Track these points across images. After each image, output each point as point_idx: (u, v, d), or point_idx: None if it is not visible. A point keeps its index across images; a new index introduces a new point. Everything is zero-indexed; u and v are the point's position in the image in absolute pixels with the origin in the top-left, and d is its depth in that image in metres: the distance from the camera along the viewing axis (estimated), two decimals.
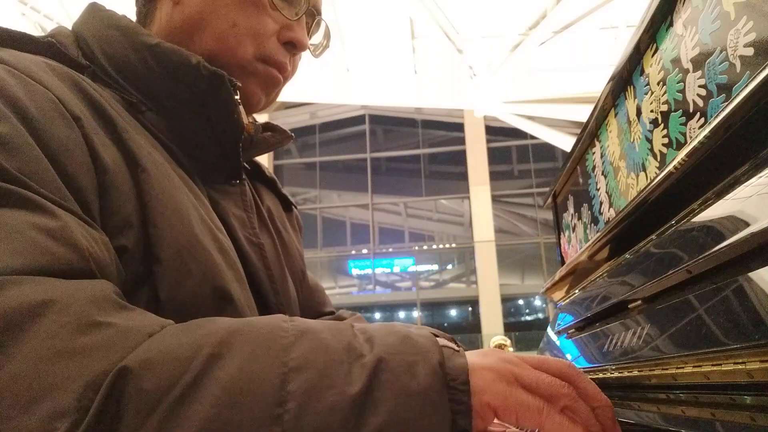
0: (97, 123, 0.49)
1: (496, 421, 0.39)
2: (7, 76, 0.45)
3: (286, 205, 0.82)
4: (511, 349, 3.11)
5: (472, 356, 0.40)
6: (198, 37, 0.61)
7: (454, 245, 14.29)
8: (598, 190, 1.05)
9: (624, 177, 0.91)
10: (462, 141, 13.45)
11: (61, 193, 0.42)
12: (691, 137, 0.66)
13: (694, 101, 0.65)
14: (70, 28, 0.60)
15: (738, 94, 0.49)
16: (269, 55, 0.64)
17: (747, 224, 0.45)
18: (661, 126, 0.75)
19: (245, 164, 0.75)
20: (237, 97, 0.59)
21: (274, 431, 0.33)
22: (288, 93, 8.33)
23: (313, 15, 0.69)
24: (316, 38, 0.73)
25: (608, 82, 0.92)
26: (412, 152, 14.55)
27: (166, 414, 0.32)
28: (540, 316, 13.51)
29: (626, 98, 0.89)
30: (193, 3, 0.62)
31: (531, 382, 0.39)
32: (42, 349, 0.33)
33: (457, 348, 0.41)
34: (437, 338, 0.41)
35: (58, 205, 0.41)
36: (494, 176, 13.18)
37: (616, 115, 0.94)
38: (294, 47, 0.66)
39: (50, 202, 0.40)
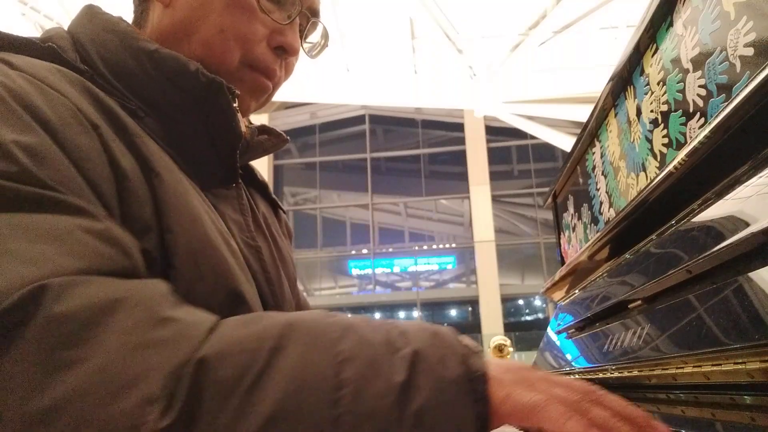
0: (112, 129, 0.49)
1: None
2: (25, 84, 0.45)
3: (275, 209, 0.81)
4: (510, 349, 3.12)
5: (491, 365, 0.42)
6: (186, 43, 0.60)
7: (454, 245, 14.28)
8: (598, 190, 1.05)
9: (624, 177, 0.91)
10: (462, 141, 13.44)
11: (91, 201, 0.43)
12: (691, 137, 0.66)
13: (694, 101, 0.65)
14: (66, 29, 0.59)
15: (738, 94, 0.49)
16: (257, 61, 0.62)
17: (747, 224, 0.45)
18: (661, 126, 0.75)
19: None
20: (235, 104, 0.59)
21: (333, 413, 0.36)
22: (288, 93, 8.34)
23: (307, 17, 0.67)
24: (314, 37, 0.72)
25: (608, 82, 0.92)
26: (412, 152, 14.53)
27: (240, 400, 0.36)
28: (540, 316, 13.50)
29: (626, 98, 0.88)
30: (181, 6, 0.60)
31: (551, 385, 0.40)
32: (121, 343, 0.36)
33: (476, 350, 0.43)
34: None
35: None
36: (494, 176, 13.17)
37: (616, 115, 0.94)
38: (285, 52, 0.64)
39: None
